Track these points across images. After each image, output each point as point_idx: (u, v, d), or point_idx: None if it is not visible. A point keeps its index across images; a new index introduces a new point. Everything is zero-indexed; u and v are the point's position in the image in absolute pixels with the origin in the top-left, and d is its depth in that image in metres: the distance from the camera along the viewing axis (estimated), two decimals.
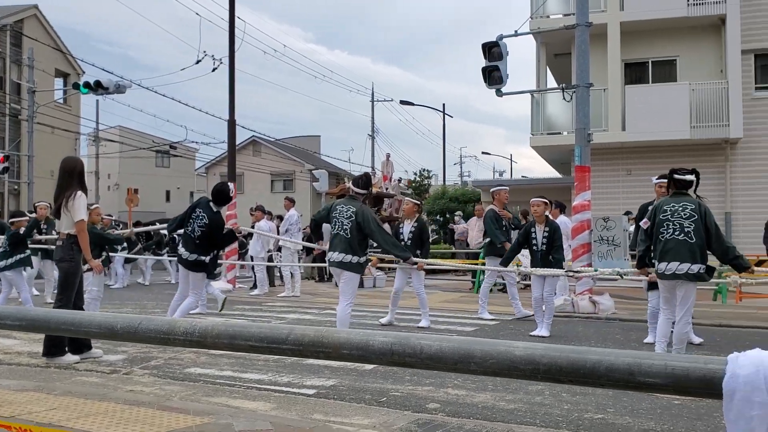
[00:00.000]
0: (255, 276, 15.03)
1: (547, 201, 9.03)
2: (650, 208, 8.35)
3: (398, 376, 6.06)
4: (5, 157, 22.49)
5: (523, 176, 45.81)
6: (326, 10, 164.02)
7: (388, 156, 26.60)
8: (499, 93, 12.58)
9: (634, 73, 19.43)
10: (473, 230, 16.47)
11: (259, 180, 42.85)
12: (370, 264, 9.54)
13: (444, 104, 44.12)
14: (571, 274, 9.43)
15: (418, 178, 41.33)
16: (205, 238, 7.68)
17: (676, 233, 6.04)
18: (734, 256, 6.07)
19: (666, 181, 8.72)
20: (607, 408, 5.08)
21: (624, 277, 8.63)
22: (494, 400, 5.28)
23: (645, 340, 8.11)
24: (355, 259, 7.17)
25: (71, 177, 6.61)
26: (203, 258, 7.71)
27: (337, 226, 7.27)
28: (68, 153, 32.78)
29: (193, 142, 41.24)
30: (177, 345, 1.93)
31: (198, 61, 20.48)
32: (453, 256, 18.39)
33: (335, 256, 7.21)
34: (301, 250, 15.40)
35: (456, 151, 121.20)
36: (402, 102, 36.88)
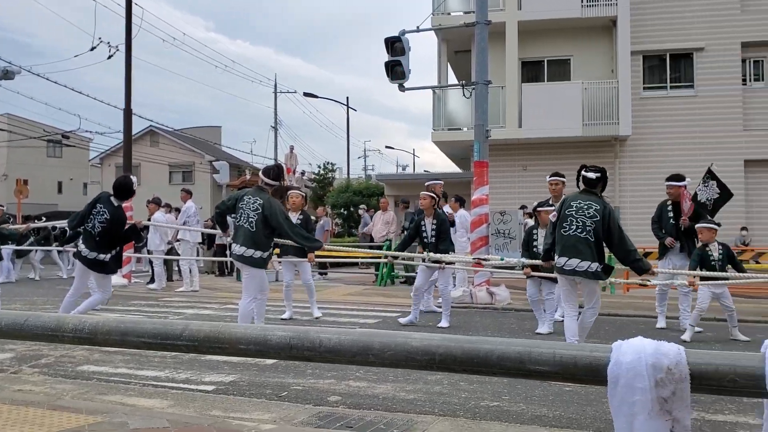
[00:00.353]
0: (152, 270, 14.60)
1: (434, 195, 9.11)
2: (550, 201, 8.72)
3: (300, 370, 6.04)
4: None
5: (425, 171, 46.46)
6: (226, 0, 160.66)
7: (291, 148, 26.38)
8: (401, 88, 12.70)
9: (531, 71, 20.06)
10: (378, 224, 16.58)
11: (157, 171, 41.58)
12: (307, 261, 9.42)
13: (348, 98, 44.25)
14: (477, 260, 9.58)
15: (322, 171, 41.20)
16: (105, 234, 7.24)
17: (578, 230, 6.15)
18: (635, 259, 6.19)
19: (558, 179, 9.12)
20: (502, 395, 5.24)
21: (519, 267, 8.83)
22: (395, 391, 5.34)
23: (537, 330, 8.40)
24: (258, 253, 6.93)
25: None
26: (102, 256, 7.26)
27: (242, 218, 7.00)
28: None
29: (87, 131, 39.52)
30: (66, 342, 1.85)
31: (93, 48, 19.70)
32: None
33: (237, 249, 7.01)
34: (201, 243, 15.06)
35: (360, 144, 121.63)
36: (306, 94, 36.66)
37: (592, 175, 6.36)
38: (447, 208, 11.92)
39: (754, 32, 18.70)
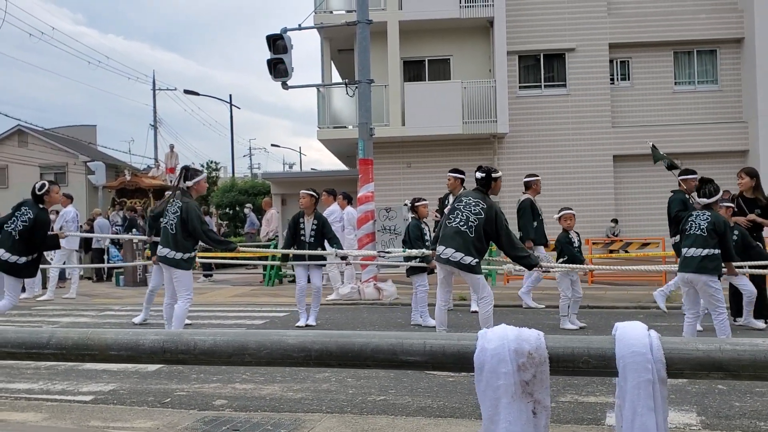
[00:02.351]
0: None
1: (314, 193, 9.09)
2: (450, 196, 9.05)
3: (184, 375, 5.91)
4: None
5: (312, 168, 46.35)
6: None
7: (172, 147, 25.67)
8: (285, 86, 12.63)
9: (413, 70, 20.41)
10: (271, 223, 16.36)
11: (27, 173, 39.20)
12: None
13: (231, 95, 43.45)
14: (383, 255, 9.64)
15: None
16: (26, 237, 7.04)
17: (460, 223, 6.38)
18: (522, 256, 6.52)
19: (454, 175, 9.42)
20: (389, 389, 5.33)
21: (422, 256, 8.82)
22: (282, 391, 5.33)
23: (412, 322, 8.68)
24: (179, 255, 7.01)
25: None
26: (15, 258, 7.03)
27: (166, 220, 7.15)
28: None
29: None
30: None
31: None
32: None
33: (161, 251, 7.14)
34: (79, 249, 14.38)
35: (245, 142, 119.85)
36: (186, 91, 35.68)
37: (478, 174, 6.67)
38: (335, 206, 11.98)
39: (620, 34, 19.82)
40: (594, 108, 19.79)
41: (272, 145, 77.28)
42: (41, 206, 7.29)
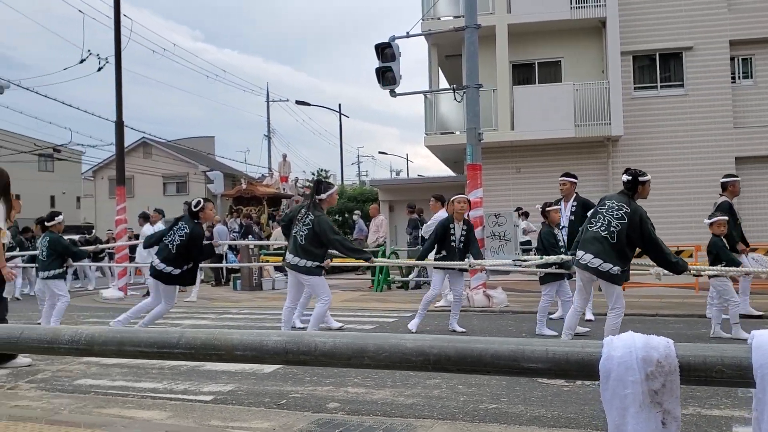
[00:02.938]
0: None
1: (469, 199, 9.04)
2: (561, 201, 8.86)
3: (298, 378, 6.05)
4: None
5: (419, 175, 46.47)
6: (211, 8, 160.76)
7: (284, 156, 26.46)
8: (392, 93, 12.73)
9: (522, 73, 20.11)
10: (381, 229, 16.56)
11: (151, 183, 41.56)
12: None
13: (340, 104, 44.30)
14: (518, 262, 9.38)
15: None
16: (182, 250, 7.61)
17: (601, 228, 6.11)
18: (670, 261, 6.07)
19: (566, 179, 9.19)
20: (501, 398, 5.25)
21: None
22: (393, 396, 5.35)
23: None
24: (305, 263, 7.43)
25: None
26: (169, 269, 7.61)
27: (296, 230, 7.57)
28: None
29: (78, 144, 39.45)
30: (62, 353, 1.86)
31: (82, 60, 19.69)
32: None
33: (290, 257, 7.55)
34: None
35: (353, 150, 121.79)
36: (298, 102, 36.63)
37: (624, 177, 6.34)
38: (443, 212, 11.95)
39: (741, 30, 18.79)
40: (714, 108, 18.83)
41: (380, 152, 78.18)
42: (196, 221, 7.80)
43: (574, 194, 9.49)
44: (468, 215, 9.12)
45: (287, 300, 7.98)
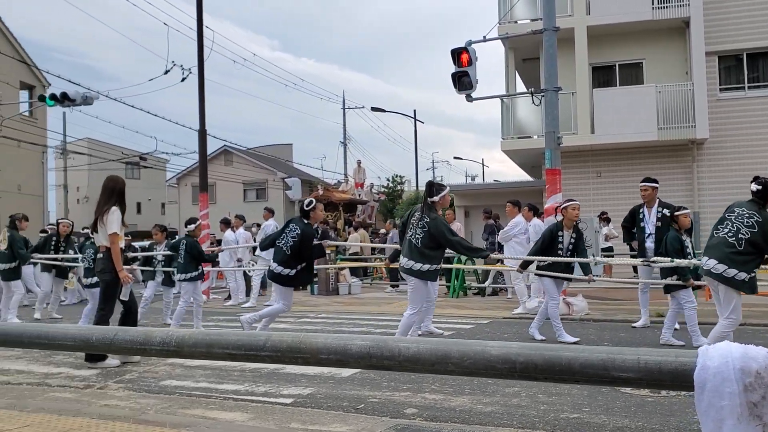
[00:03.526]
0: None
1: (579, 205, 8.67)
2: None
3: (375, 383, 6.06)
4: None
5: (495, 180, 46.08)
6: (289, 18, 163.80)
7: (359, 163, 26.67)
8: (469, 98, 12.66)
9: (602, 76, 19.69)
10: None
11: (231, 189, 42.63)
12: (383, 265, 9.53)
13: (415, 110, 44.36)
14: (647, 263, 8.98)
15: (390, 184, 41.36)
16: (295, 251, 7.87)
17: (728, 234, 5.98)
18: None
19: (647, 184, 8.91)
20: (582, 407, 5.13)
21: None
22: (472, 404, 5.30)
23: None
24: (418, 266, 7.38)
25: (111, 194, 7.10)
26: (286, 271, 7.89)
27: (411, 233, 7.50)
28: (35, 166, 32.39)
29: (163, 152, 40.86)
30: (153, 355, 1.92)
31: (167, 71, 20.34)
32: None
33: (404, 261, 7.51)
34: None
35: (428, 156, 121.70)
36: (373, 109, 36.89)
37: (754, 186, 6.16)
38: (520, 218, 11.81)
39: None
40: None
41: (455, 157, 77.76)
42: (306, 221, 8.02)
43: (657, 200, 9.22)
44: (576, 221, 8.61)
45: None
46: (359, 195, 25.23)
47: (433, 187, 7.74)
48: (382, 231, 21.45)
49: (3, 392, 5.79)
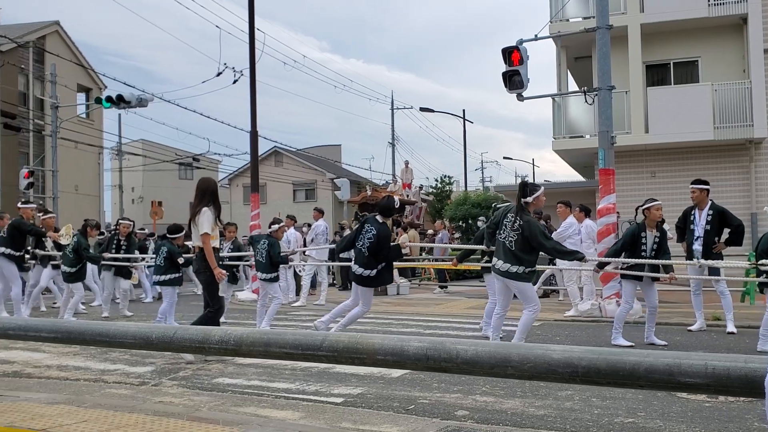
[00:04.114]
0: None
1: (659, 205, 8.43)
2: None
3: (426, 384, 6.04)
4: (30, 173, 22.73)
5: (545, 180, 45.54)
6: (337, 19, 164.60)
7: (407, 163, 26.68)
8: (520, 97, 12.54)
9: (656, 74, 19.31)
10: None
11: (281, 190, 43.10)
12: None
13: (464, 110, 44.11)
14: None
15: (439, 185, 41.19)
16: (373, 251, 7.85)
17: None
18: None
19: (702, 186, 8.68)
20: (637, 412, 5.02)
21: None
22: (523, 407, 5.24)
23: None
24: (516, 269, 7.11)
25: (203, 195, 7.37)
26: (367, 272, 7.90)
27: (503, 235, 7.24)
28: (92, 167, 33.25)
29: (215, 153, 41.51)
30: (212, 353, 1.94)
31: (219, 74, 20.68)
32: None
33: (497, 263, 7.24)
34: (328, 260, 15.42)
35: (477, 156, 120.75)
36: (422, 109, 36.84)
37: None
38: (571, 218, 11.64)
39: None
40: None
41: (504, 157, 77.00)
42: (381, 221, 8.02)
43: (709, 202, 8.99)
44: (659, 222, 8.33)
45: (498, 307, 7.67)
46: (407, 195, 25.21)
47: (527, 188, 7.35)
48: (430, 231, 21.40)
49: (62, 387, 5.95)
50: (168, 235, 9.74)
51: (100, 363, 7.33)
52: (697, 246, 8.86)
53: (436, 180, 42.00)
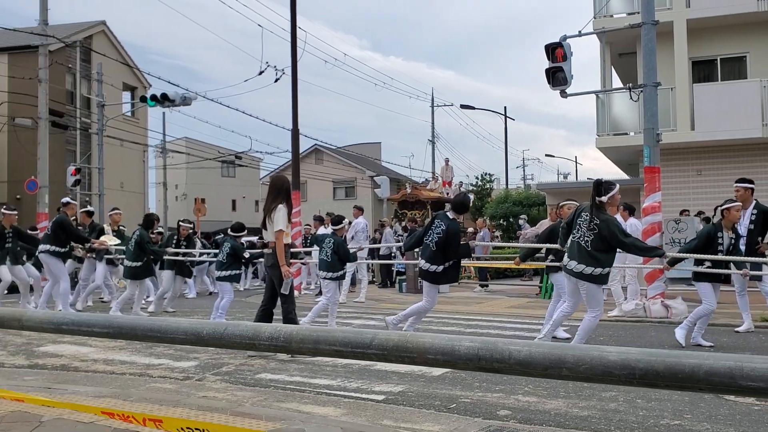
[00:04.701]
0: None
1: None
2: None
3: (467, 383, 6.01)
4: (77, 170, 23.23)
5: (588, 178, 44.91)
6: (377, 17, 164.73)
7: (447, 161, 26.58)
8: (563, 94, 12.39)
9: (703, 70, 18.90)
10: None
11: (321, 187, 43.33)
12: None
13: (505, 107, 43.80)
14: None
15: (479, 183, 41.00)
16: (441, 247, 7.84)
17: None
18: None
19: (747, 185, 8.48)
20: (684, 414, 4.93)
21: None
22: (567, 407, 5.18)
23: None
24: (590, 270, 6.89)
25: (278, 193, 7.42)
26: (434, 268, 7.90)
27: (578, 234, 7.06)
28: (137, 164, 33.83)
29: (257, 151, 41.96)
30: (262, 350, 1.94)
31: (261, 72, 20.87)
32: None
33: (569, 263, 7.07)
34: (367, 257, 15.47)
35: (518, 154, 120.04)
36: (462, 106, 36.72)
37: None
38: (617, 217, 11.46)
39: None
40: None
41: (546, 155, 76.55)
42: (452, 217, 8.01)
43: (753, 201, 8.79)
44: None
45: (567, 306, 7.53)
46: (447, 193, 25.14)
47: (602, 186, 7.12)
48: (470, 230, 21.29)
49: (108, 381, 6.06)
50: (231, 233, 9.92)
51: (145, 357, 7.46)
52: (740, 246, 8.67)
53: (477, 177, 41.84)
